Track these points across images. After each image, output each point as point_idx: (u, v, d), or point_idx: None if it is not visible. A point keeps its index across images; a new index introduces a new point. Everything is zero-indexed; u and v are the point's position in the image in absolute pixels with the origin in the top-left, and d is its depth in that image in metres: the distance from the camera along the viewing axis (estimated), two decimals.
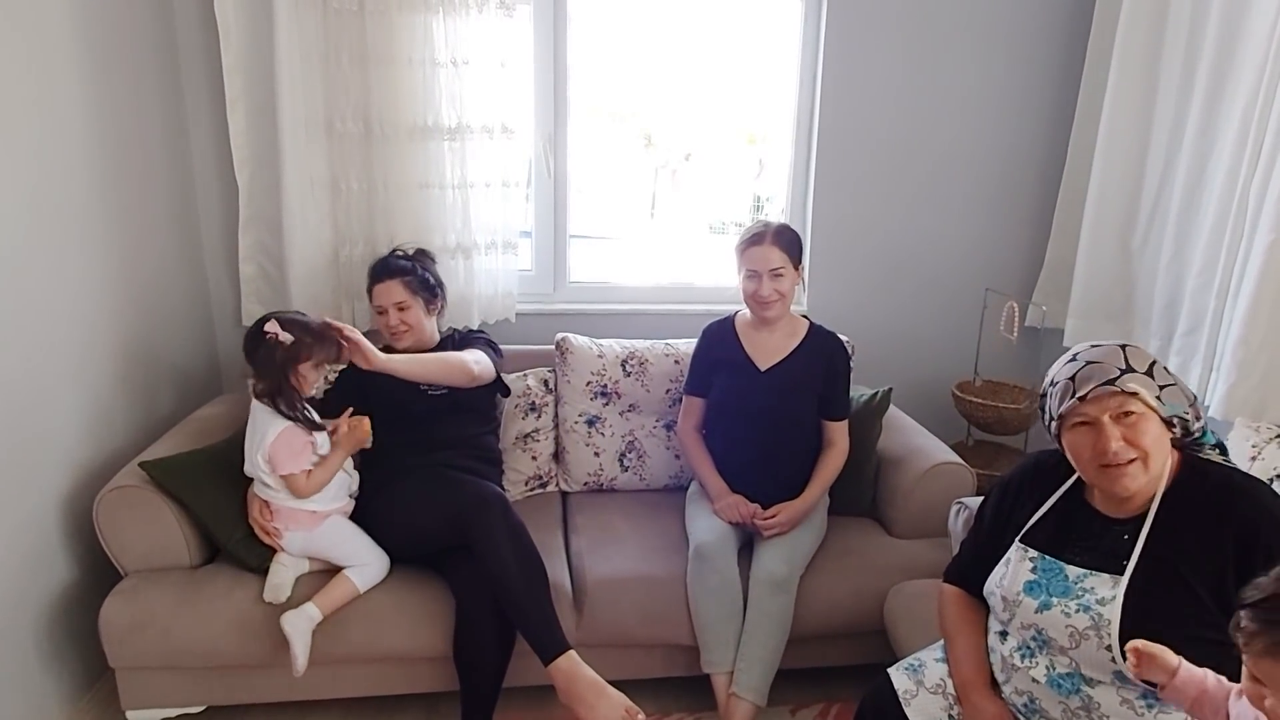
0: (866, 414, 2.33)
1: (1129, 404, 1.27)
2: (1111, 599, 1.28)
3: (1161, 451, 1.30)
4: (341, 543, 1.95)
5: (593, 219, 5.11)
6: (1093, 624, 1.29)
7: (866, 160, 2.80)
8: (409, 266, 2.24)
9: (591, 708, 1.73)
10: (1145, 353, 1.34)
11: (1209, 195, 2.23)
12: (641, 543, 2.18)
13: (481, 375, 2.15)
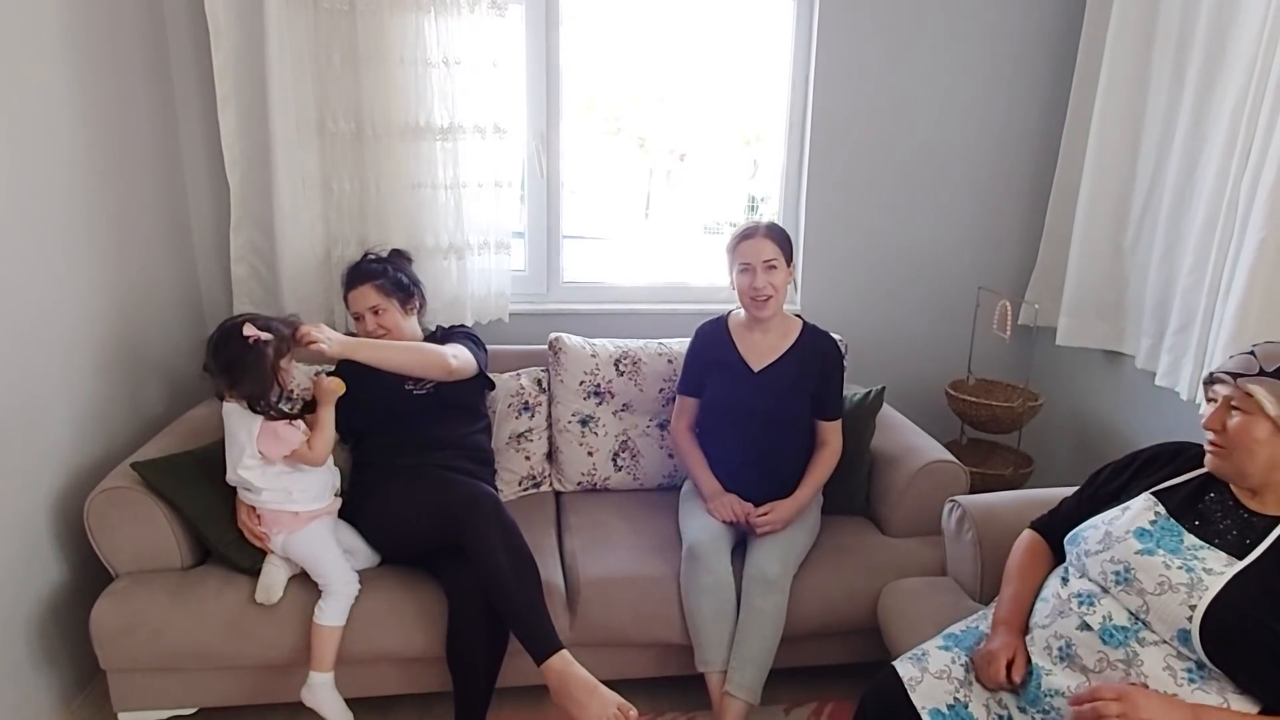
0: (860, 413, 2.33)
1: (1246, 402, 1.34)
2: (1220, 573, 1.33)
3: (1263, 457, 1.34)
4: (316, 556, 1.91)
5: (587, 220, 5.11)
6: (1188, 583, 1.33)
7: (859, 161, 2.80)
8: (380, 269, 2.23)
9: (584, 706, 1.73)
10: None
11: (1199, 194, 2.24)
12: (635, 542, 2.17)
13: (461, 369, 2.14)
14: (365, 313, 2.19)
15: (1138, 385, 2.55)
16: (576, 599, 2.01)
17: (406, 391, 2.16)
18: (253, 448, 1.86)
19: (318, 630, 1.86)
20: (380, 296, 2.20)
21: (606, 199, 5.52)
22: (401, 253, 2.36)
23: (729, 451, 2.20)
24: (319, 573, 1.90)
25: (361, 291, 2.20)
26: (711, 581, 1.99)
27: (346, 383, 2.02)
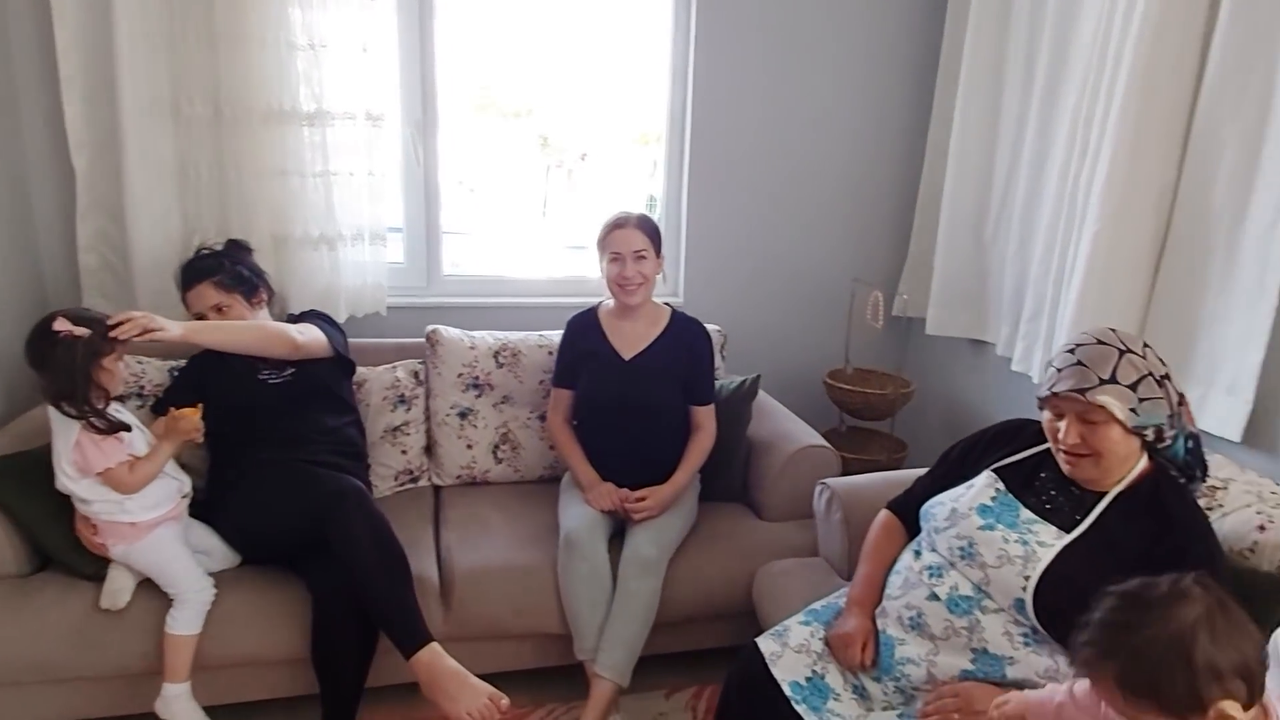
0: (736, 400, 2.38)
1: (1093, 414, 1.38)
2: (1051, 545, 1.41)
3: (1116, 458, 1.41)
4: (161, 565, 1.80)
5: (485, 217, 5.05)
6: (1024, 555, 1.41)
7: (738, 158, 2.86)
8: (217, 264, 2.11)
9: (453, 699, 1.70)
10: (1143, 363, 1.40)
11: (1047, 190, 2.38)
12: (513, 534, 2.16)
13: (309, 345, 2.07)
14: (208, 312, 2.07)
15: (998, 370, 2.69)
16: (451, 592, 1.98)
17: (261, 381, 2.07)
18: (70, 456, 1.72)
19: (170, 639, 1.77)
20: (221, 293, 2.08)
21: (506, 197, 5.47)
22: (239, 243, 2.24)
23: (605, 440, 2.21)
24: (167, 583, 1.80)
25: (200, 291, 2.07)
26: (588, 569, 2.00)
27: (203, 376, 1.93)
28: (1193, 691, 0.90)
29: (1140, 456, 1.45)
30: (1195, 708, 0.90)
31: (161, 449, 1.81)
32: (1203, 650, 0.90)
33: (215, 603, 1.83)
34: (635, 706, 2.11)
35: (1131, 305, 2.09)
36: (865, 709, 1.50)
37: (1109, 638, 0.97)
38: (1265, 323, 1.79)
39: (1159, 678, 0.92)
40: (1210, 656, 0.90)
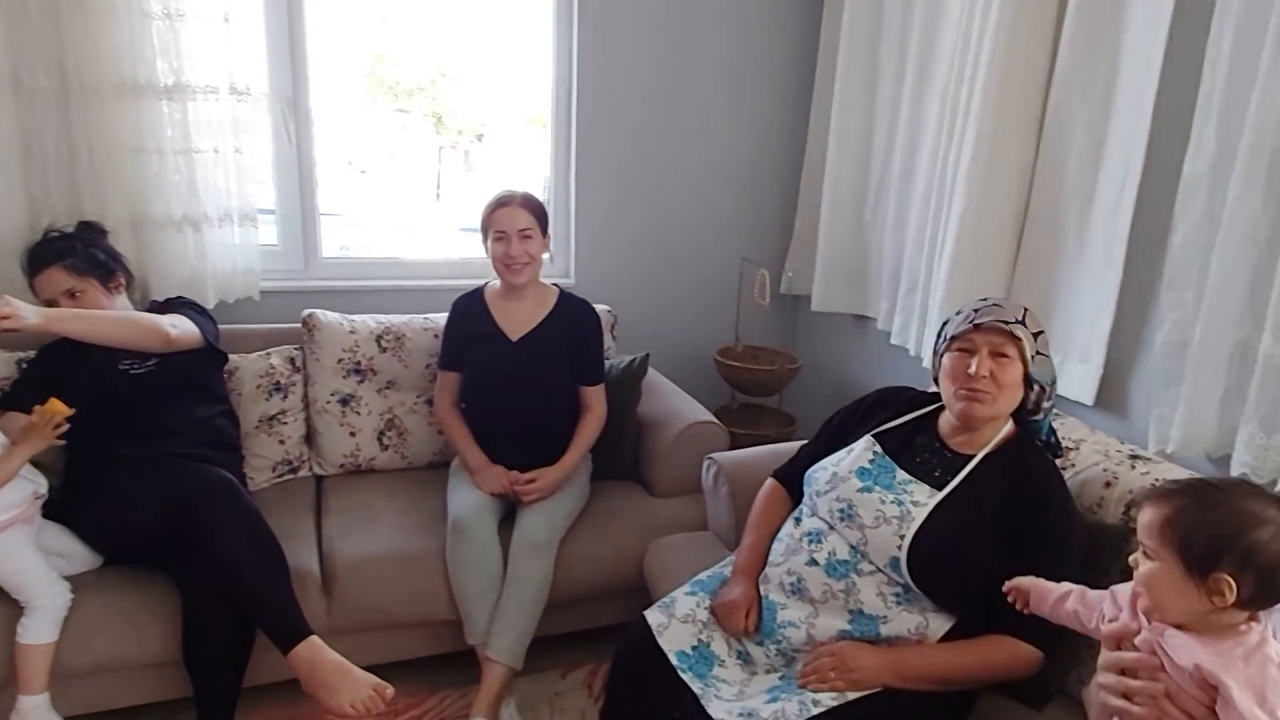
0: (626, 379, 2.39)
1: (1007, 347, 1.47)
2: (924, 505, 1.48)
3: (1010, 402, 1.50)
4: (9, 572, 1.68)
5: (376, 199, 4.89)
6: (899, 515, 1.48)
7: (625, 140, 2.86)
8: (69, 246, 1.97)
9: (335, 692, 1.65)
10: (1041, 326, 1.54)
11: (920, 171, 2.47)
12: (400, 521, 2.11)
13: (182, 338, 1.97)
14: (60, 298, 1.93)
15: (879, 344, 2.79)
16: (333, 583, 1.92)
17: (122, 371, 1.95)
18: None
19: (22, 650, 1.65)
20: (73, 278, 1.94)
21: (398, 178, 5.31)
22: (92, 225, 2.10)
23: (494, 423, 2.18)
24: (17, 590, 1.68)
25: (49, 275, 1.93)
26: (477, 553, 1.97)
27: (59, 366, 1.79)
28: (1217, 553, 0.96)
29: (1007, 423, 1.55)
30: (1205, 569, 0.96)
31: (17, 452, 1.68)
32: (1257, 536, 0.95)
33: (76, 607, 1.72)
34: (531, 688, 2.11)
35: (996, 279, 2.20)
36: (749, 673, 1.54)
37: (1196, 485, 1.03)
38: (1112, 294, 1.91)
39: (1205, 524, 0.97)
40: (1257, 541, 0.95)
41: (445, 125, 5.00)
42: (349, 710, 1.64)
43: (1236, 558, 0.94)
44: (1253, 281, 1.61)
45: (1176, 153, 1.70)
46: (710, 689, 1.46)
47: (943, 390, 1.57)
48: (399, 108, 4.90)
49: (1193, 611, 0.98)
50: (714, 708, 1.40)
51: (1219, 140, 1.62)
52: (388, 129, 4.82)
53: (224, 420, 2.12)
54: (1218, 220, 1.62)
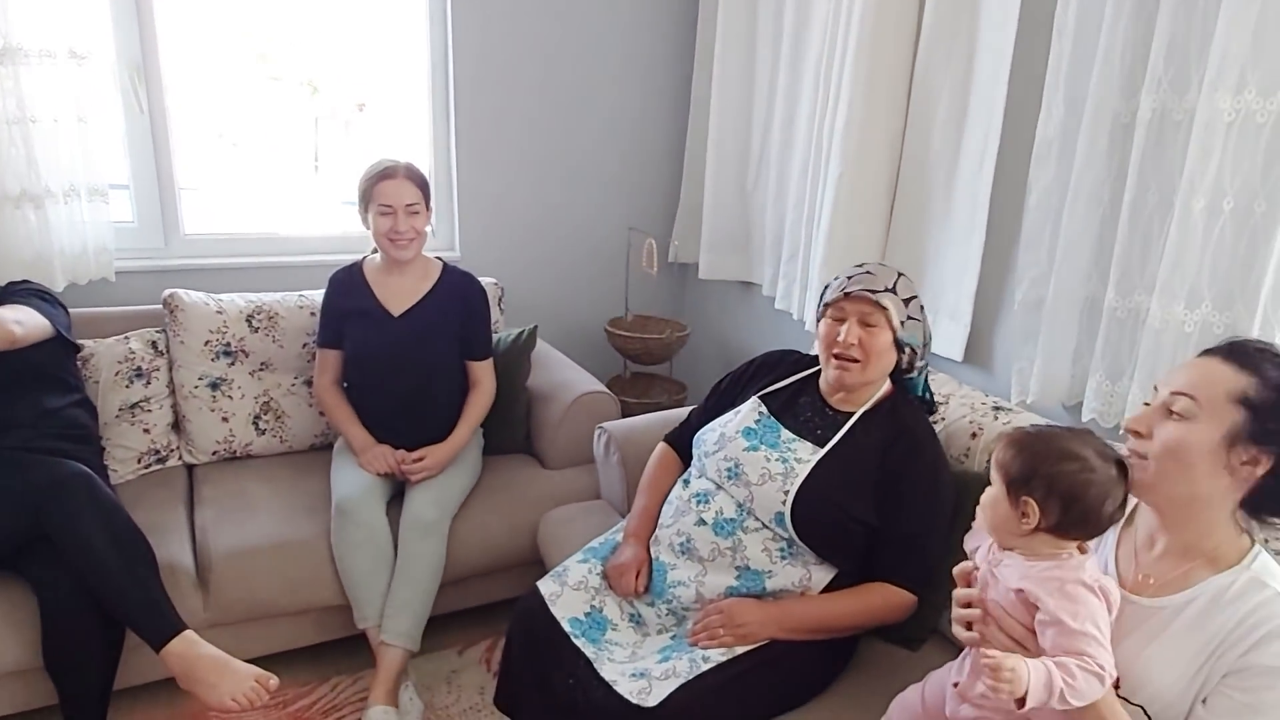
0: (514, 352, 2.36)
1: (875, 316, 1.52)
2: (807, 461, 1.53)
3: (882, 366, 1.56)
4: None
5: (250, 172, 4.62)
6: (784, 472, 1.52)
7: (507, 110, 2.80)
8: None
9: (214, 687, 1.58)
10: (914, 291, 1.59)
11: (798, 139, 2.52)
12: (280, 507, 2.03)
13: (29, 335, 1.80)
14: None
15: (765, 310, 2.86)
16: (209, 575, 1.83)
17: None
18: None
19: None
20: None
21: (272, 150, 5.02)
22: None
23: (379, 401, 2.12)
24: None
25: None
26: (364, 535, 1.92)
27: None
28: (1025, 479, 1.06)
29: (884, 382, 1.61)
30: (1017, 487, 1.07)
31: None
32: (1063, 468, 1.05)
33: None
34: (428, 667, 2.08)
35: (871, 242, 2.28)
36: (642, 635, 1.56)
37: (1046, 428, 1.12)
38: (976, 255, 2.01)
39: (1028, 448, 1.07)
40: (1060, 473, 1.04)
41: (321, 94, 4.76)
42: (230, 704, 1.58)
43: (1042, 483, 1.04)
44: (1098, 241, 1.72)
45: (1031, 119, 1.79)
46: (604, 653, 1.47)
47: (822, 358, 1.62)
48: (270, 75, 4.63)
49: (1013, 532, 1.08)
50: (607, 670, 1.42)
51: (1066, 107, 1.72)
52: (259, 99, 4.56)
53: (78, 410, 1.96)
54: (1067, 183, 1.73)
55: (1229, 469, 1.02)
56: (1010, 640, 1.08)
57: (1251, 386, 1.01)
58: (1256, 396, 1.01)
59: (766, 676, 1.42)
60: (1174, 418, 1.05)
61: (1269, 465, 1.01)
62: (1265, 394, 1.01)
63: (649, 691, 1.35)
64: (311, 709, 1.97)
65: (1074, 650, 1.00)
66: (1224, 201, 1.47)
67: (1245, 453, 1.01)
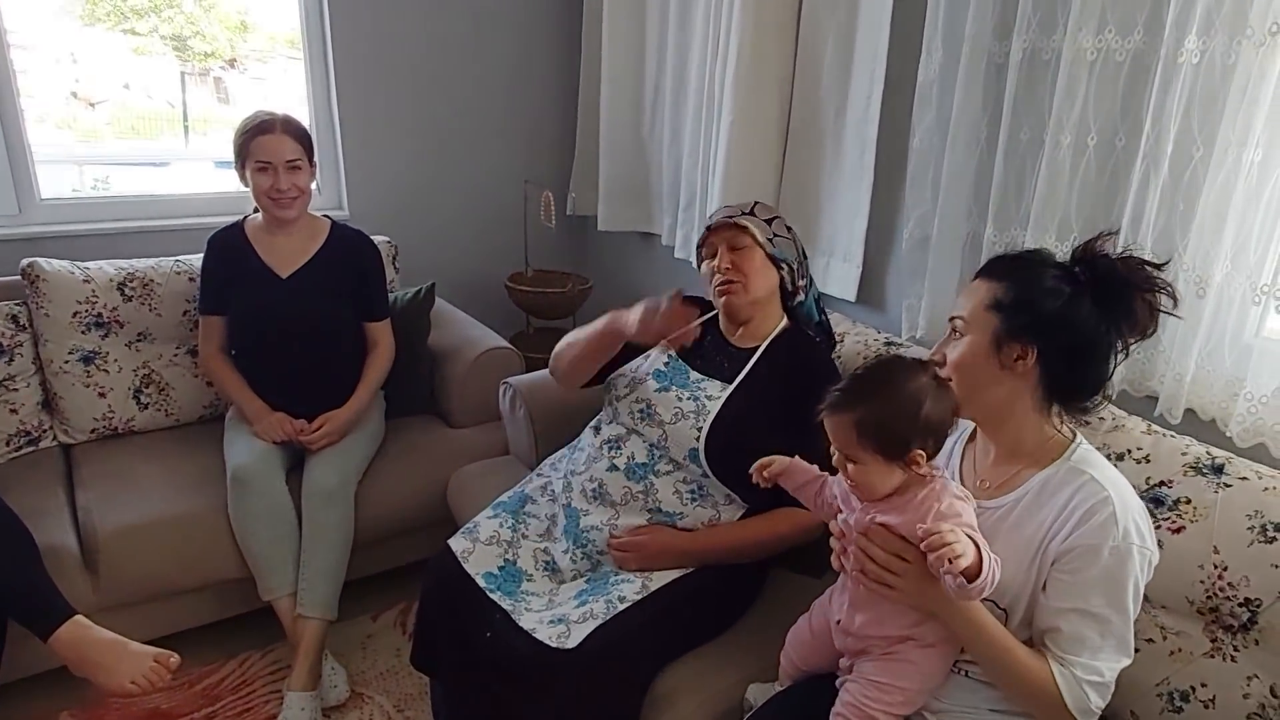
0: (412, 311, 2.30)
1: (739, 238, 1.59)
2: (717, 398, 1.57)
3: (764, 284, 1.61)
4: None
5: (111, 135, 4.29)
6: (695, 410, 1.57)
7: (390, 63, 2.69)
8: None
9: (111, 671, 1.50)
10: (775, 212, 1.66)
11: (690, 87, 2.52)
12: (169, 482, 1.94)
13: None
14: None
15: (664, 259, 2.87)
16: (96, 557, 1.74)
17: None
18: None
19: None
20: None
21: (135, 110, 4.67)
22: None
23: (269, 368, 2.03)
24: None
25: None
26: (264, 506, 1.86)
27: None
28: (907, 438, 1.08)
29: (781, 316, 1.66)
30: (901, 452, 1.09)
31: None
32: (927, 408, 1.09)
33: None
34: (342, 635, 2.05)
35: (765, 186, 2.31)
36: (557, 583, 1.57)
37: (861, 387, 1.13)
38: (866, 196, 2.07)
39: (890, 421, 1.09)
40: (929, 413, 1.09)
41: (189, 50, 4.46)
42: (130, 687, 1.50)
43: (919, 433, 1.09)
44: (976, 179, 1.80)
45: (913, 62, 1.85)
46: (520, 603, 1.48)
47: (710, 296, 1.66)
48: (127, 29, 4.30)
49: (896, 484, 1.12)
50: (525, 620, 1.43)
51: (945, 50, 1.78)
52: (118, 56, 4.23)
53: None
54: (947, 124, 1.79)
55: (1006, 368, 1.12)
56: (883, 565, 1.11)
57: (1001, 291, 1.13)
58: (1005, 299, 1.12)
59: (681, 611, 1.47)
60: (955, 338, 1.17)
61: (1035, 354, 1.10)
62: (1012, 295, 1.12)
63: (568, 635, 1.37)
64: (220, 685, 1.91)
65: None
66: (1088, 137, 1.56)
67: (1011, 349, 1.11)
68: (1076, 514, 1.06)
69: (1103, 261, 1.12)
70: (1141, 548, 1.04)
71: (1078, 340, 1.10)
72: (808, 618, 1.35)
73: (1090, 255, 1.13)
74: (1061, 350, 1.10)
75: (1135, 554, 1.03)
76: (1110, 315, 1.10)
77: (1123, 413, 1.44)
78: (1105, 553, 1.03)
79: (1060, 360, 1.11)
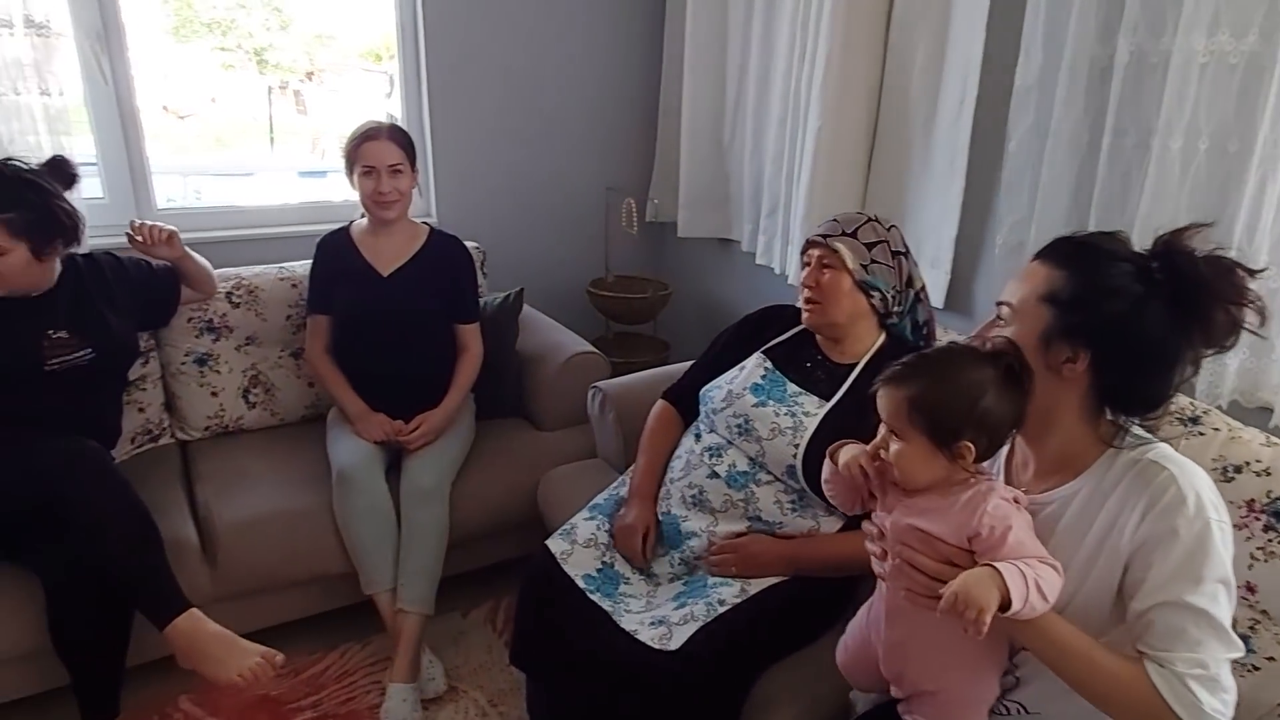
0: (502, 316, 2.36)
1: (830, 259, 1.57)
2: (815, 414, 1.56)
3: (845, 308, 1.58)
4: None
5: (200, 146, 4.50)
6: (793, 426, 1.55)
7: (479, 73, 2.76)
8: (17, 196, 1.69)
9: (220, 663, 1.58)
10: (885, 234, 1.61)
11: (774, 93, 2.53)
12: (279, 479, 2.03)
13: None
14: None
15: (744, 266, 2.88)
16: (215, 549, 1.83)
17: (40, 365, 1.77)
18: None
19: None
20: (6, 236, 1.67)
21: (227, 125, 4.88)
22: (64, 163, 1.82)
23: (370, 366, 2.11)
24: None
25: None
26: (366, 504, 1.93)
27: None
28: (958, 427, 1.01)
29: (879, 332, 1.64)
30: (950, 440, 1.02)
31: None
32: (987, 400, 1.01)
33: None
34: (435, 630, 2.10)
35: (851, 193, 2.31)
36: (654, 585, 1.60)
37: (923, 365, 1.07)
38: (956, 202, 2.05)
39: (944, 404, 1.02)
40: (989, 407, 1.01)
41: (269, 64, 4.63)
42: (236, 680, 1.57)
43: (973, 424, 1.01)
44: (1077, 183, 1.77)
45: (1008, 66, 1.83)
46: (620, 605, 1.51)
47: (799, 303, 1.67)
48: (218, 46, 4.48)
49: (938, 476, 1.05)
50: (626, 621, 1.45)
51: (1045, 53, 1.76)
52: (206, 70, 4.42)
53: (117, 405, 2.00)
54: (1046, 128, 1.77)
55: (1052, 370, 1.01)
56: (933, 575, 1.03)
57: (1059, 281, 1.00)
58: (1062, 292, 1.00)
59: (780, 616, 1.47)
60: (998, 325, 1.06)
61: (1088, 360, 0.99)
62: (1070, 288, 0.99)
63: (669, 636, 1.39)
64: (324, 675, 1.99)
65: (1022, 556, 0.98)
66: (1199, 141, 1.53)
67: (1061, 351, 1.00)
68: (1142, 501, 0.97)
69: (1185, 259, 0.98)
70: (1219, 522, 0.95)
71: (1140, 349, 0.98)
72: (844, 642, 1.31)
73: (1171, 250, 0.99)
74: (1119, 359, 0.99)
75: (1215, 530, 0.94)
76: (1183, 323, 0.97)
77: (1238, 423, 1.40)
78: (1181, 534, 0.93)
79: (1116, 370, 0.99)
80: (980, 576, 0.94)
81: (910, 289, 1.67)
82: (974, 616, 0.91)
